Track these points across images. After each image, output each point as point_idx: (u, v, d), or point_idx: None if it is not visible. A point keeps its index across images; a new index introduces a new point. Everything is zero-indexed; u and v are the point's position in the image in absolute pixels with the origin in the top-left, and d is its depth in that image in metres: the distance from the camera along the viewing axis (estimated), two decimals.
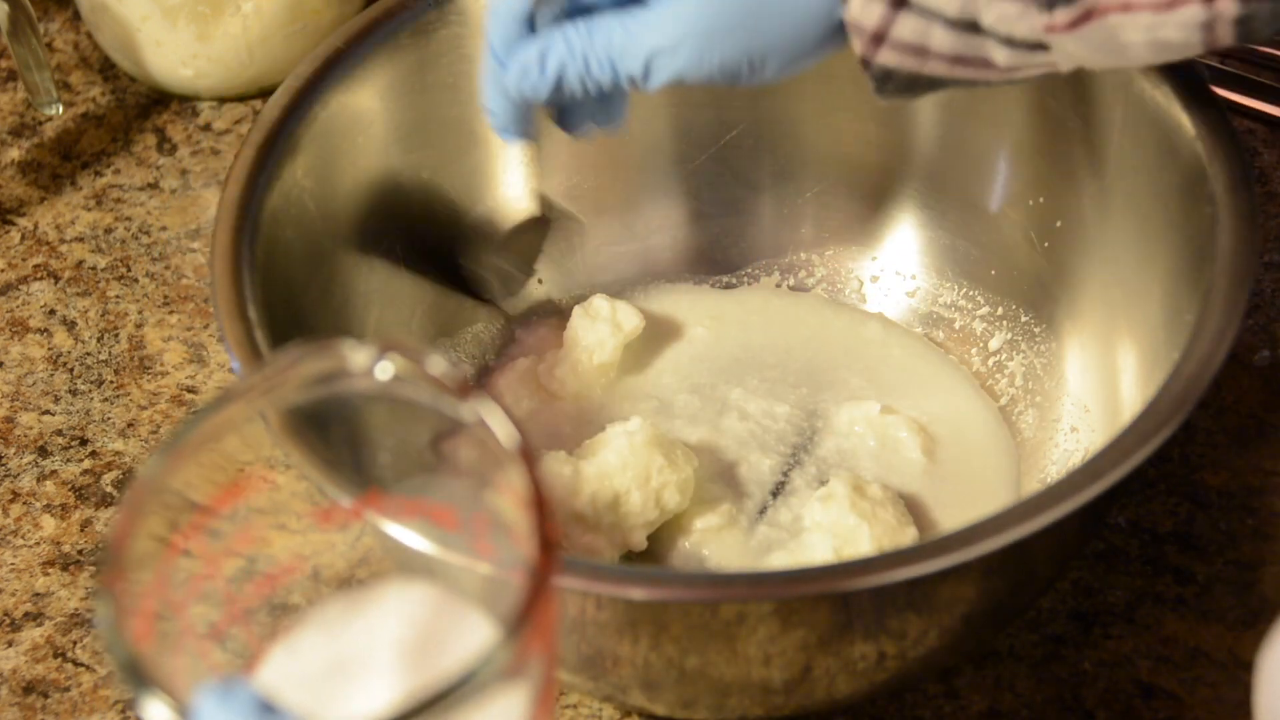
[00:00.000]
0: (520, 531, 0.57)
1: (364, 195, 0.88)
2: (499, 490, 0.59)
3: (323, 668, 0.60)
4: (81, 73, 1.06)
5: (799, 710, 0.75)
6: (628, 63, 0.76)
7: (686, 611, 0.69)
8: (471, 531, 0.62)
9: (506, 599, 0.57)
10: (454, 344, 0.91)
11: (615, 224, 0.95)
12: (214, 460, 0.60)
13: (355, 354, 0.59)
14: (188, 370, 0.92)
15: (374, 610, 0.61)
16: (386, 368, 0.59)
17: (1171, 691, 0.79)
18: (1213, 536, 0.84)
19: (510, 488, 0.58)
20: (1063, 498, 0.70)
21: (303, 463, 0.65)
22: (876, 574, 0.69)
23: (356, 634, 0.61)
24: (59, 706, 0.80)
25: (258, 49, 1.02)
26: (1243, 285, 0.75)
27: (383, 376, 0.59)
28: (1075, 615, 0.82)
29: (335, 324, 0.85)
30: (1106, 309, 0.86)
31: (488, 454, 0.58)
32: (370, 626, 0.61)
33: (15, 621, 0.83)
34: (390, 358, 0.59)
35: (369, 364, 0.59)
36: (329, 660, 0.60)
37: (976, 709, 0.79)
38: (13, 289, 0.96)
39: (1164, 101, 0.81)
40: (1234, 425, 0.88)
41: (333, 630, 0.61)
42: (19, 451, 0.89)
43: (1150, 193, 0.83)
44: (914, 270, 0.93)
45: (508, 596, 0.57)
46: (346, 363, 0.59)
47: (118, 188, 1.01)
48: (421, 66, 0.88)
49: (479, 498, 0.60)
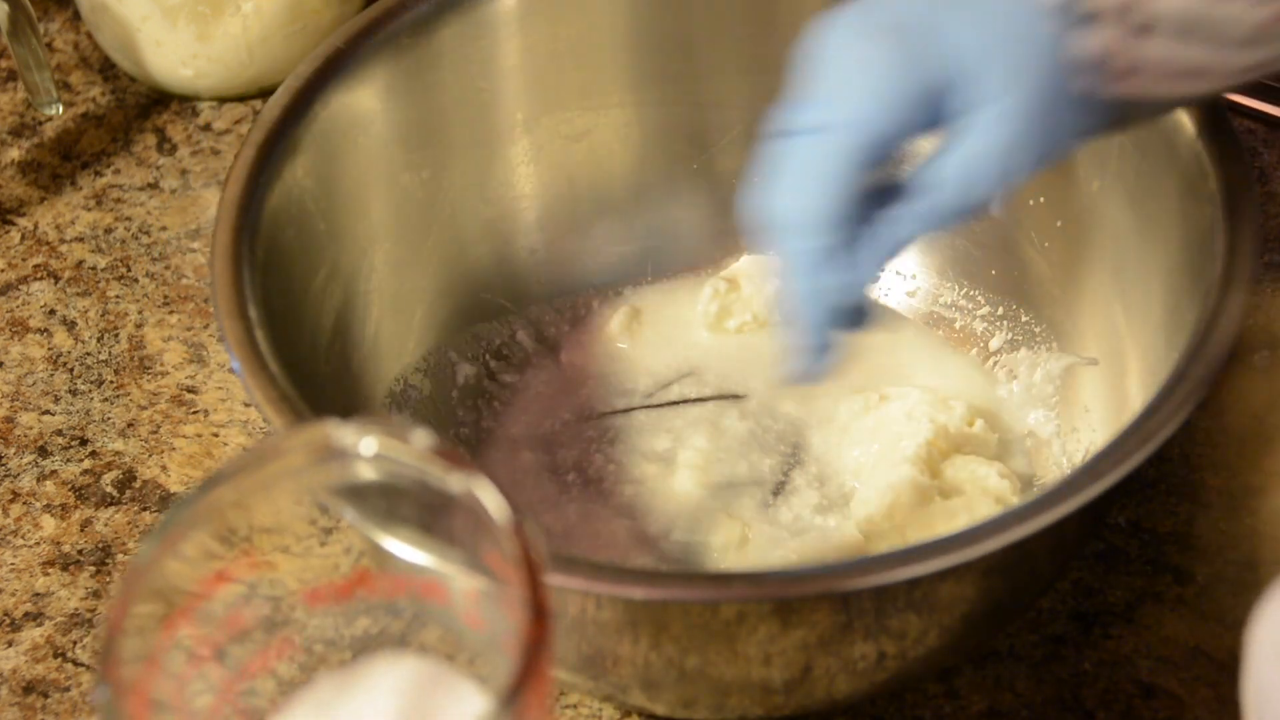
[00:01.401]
0: (510, 600, 0.57)
1: (364, 195, 0.88)
2: (488, 560, 0.58)
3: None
4: (81, 73, 1.06)
5: (799, 710, 0.75)
6: (975, 198, 0.70)
7: (686, 611, 0.69)
8: (461, 604, 0.61)
9: (498, 668, 0.57)
10: (454, 344, 0.91)
11: (615, 224, 0.95)
12: (201, 545, 0.59)
13: (341, 433, 0.59)
14: (188, 370, 0.92)
15: (366, 686, 0.61)
16: (370, 444, 0.59)
17: (1171, 691, 0.79)
18: (1213, 536, 0.84)
19: (499, 557, 0.57)
20: (1063, 498, 0.70)
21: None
22: (876, 574, 0.69)
23: (350, 712, 0.60)
24: (59, 706, 0.80)
25: (258, 49, 1.02)
26: (1243, 285, 0.75)
27: (367, 453, 0.59)
28: (1075, 615, 0.82)
29: (335, 324, 0.85)
30: (1106, 309, 0.86)
31: (476, 524, 0.58)
32: (363, 704, 0.60)
33: (15, 621, 0.83)
34: (374, 434, 0.59)
35: (354, 441, 0.59)
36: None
37: (976, 709, 0.79)
38: (13, 289, 0.96)
39: None
40: (1234, 425, 0.88)
41: (325, 709, 0.61)
42: (19, 451, 0.89)
43: (1150, 193, 0.83)
44: (914, 270, 0.93)
45: (499, 665, 0.57)
46: (332, 441, 0.59)
47: (118, 188, 1.01)
48: (421, 66, 0.88)
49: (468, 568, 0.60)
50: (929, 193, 0.71)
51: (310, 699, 0.62)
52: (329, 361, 0.84)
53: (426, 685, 0.61)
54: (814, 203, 0.69)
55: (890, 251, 0.71)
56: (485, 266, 0.93)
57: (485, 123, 0.91)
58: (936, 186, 0.70)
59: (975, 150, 0.69)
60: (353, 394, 0.85)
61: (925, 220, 0.71)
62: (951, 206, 0.70)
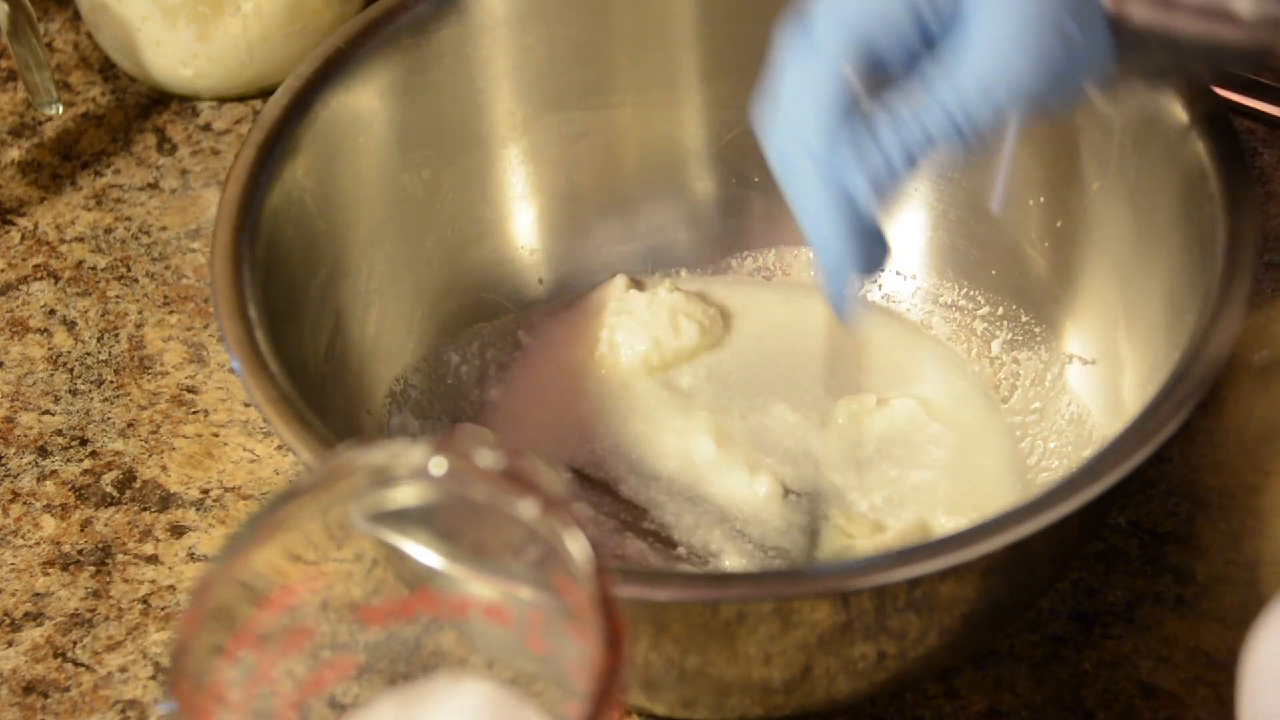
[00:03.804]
0: (579, 627, 0.56)
1: (364, 195, 0.88)
2: (555, 582, 0.57)
3: None
4: (81, 73, 1.06)
5: (799, 710, 0.75)
6: (971, 106, 0.68)
7: (686, 611, 0.69)
8: (525, 628, 0.60)
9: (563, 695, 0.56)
10: (454, 344, 0.91)
11: (615, 224, 0.95)
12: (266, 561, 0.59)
13: (409, 452, 0.58)
14: (188, 370, 0.92)
15: (428, 708, 0.60)
16: (440, 464, 0.58)
17: (1171, 691, 0.79)
18: (1213, 536, 0.84)
19: (569, 581, 0.56)
20: (1063, 498, 0.70)
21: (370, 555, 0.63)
22: (876, 574, 0.69)
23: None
24: (59, 706, 0.80)
25: (258, 49, 1.02)
26: (1243, 285, 0.75)
27: (436, 473, 0.58)
28: (1075, 615, 0.82)
29: (335, 324, 0.85)
30: (1106, 309, 0.86)
31: (544, 549, 0.57)
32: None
33: (15, 621, 0.83)
34: (444, 454, 0.58)
35: (422, 461, 0.58)
36: None
37: (976, 709, 0.79)
38: (13, 289, 0.96)
39: (1164, 101, 0.81)
40: (1234, 425, 0.88)
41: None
42: (19, 451, 0.89)
43: (1150, 193, 0.83)
44: (914, 270, 0.93)
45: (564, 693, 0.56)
46: (399, 460, 0.58)
47: (118, 188, 1.01)
48: (421, 66, 0.88)
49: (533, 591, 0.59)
50: (946, 90, 0.68)
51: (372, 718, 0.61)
52: (329, 361, 0.84)
53: (489, 708, 0.60)
54: (809, 104, 0.68)
55: (906, 146, 0.68)
56: (485, 266, 0.92)
57: (485, 123, 0.91)
58: (953, 89, 0.68)
59: (987, 51, 0.68)
60: (353, 394, 0.85)
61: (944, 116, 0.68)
62: (971, 105, 0.68)
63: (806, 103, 0.69)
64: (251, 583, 0.59)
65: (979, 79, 0.68)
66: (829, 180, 0.69)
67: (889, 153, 0.68)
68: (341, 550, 0.61)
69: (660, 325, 0.90)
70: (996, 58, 0.68)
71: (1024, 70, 0.68)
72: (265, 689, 0.60)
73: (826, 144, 0.68)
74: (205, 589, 0.57)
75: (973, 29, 0.69)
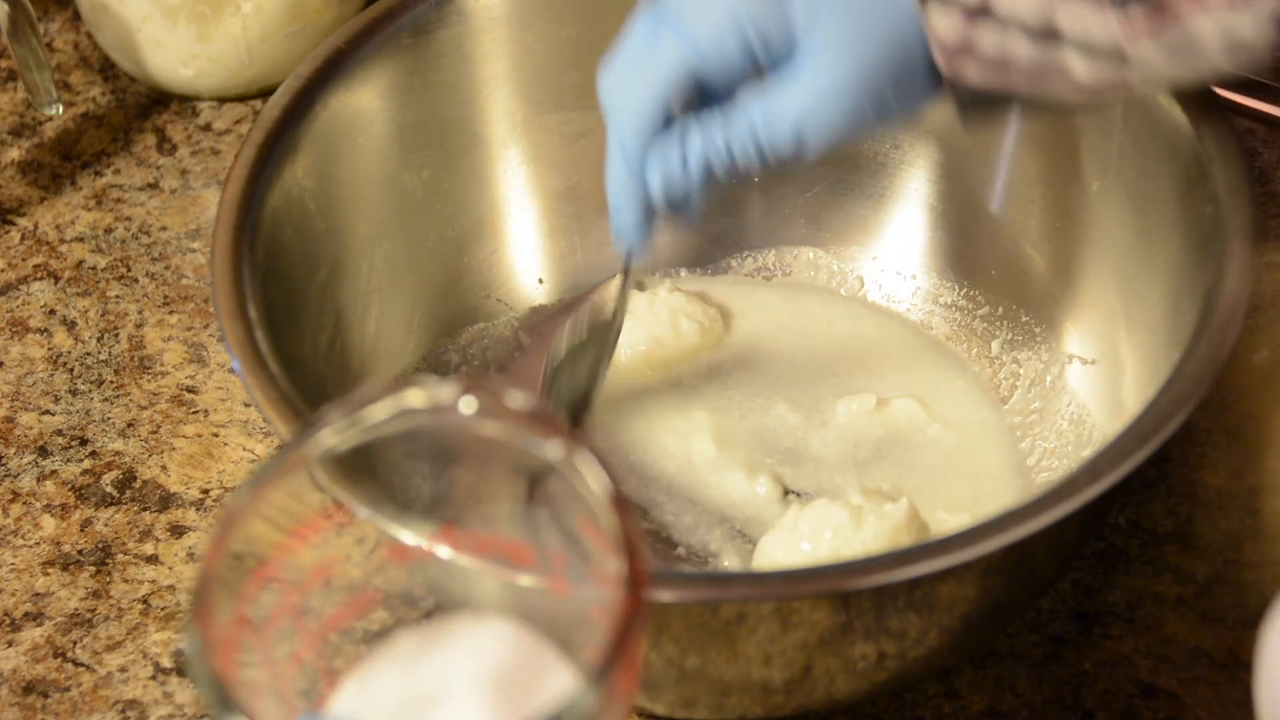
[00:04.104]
0: (601, 569, 0.56)
1: (364, 195, 0.88)
2: (579, 527, 0.58)
3: (398, 704, 0.59)
4: (81, 73, 1.06)
5: (799, 710, 0.75)
6: (776, 140, 0.75)
7: (686, 611, 0.69)
8: (548, 569, 0.61)
9: (584, 637, 0.57)
10: (454, 344, 0.91)
11: None
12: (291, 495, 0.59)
13: (439, 389, 0.59)
14: (188, 370, 0.92)
15: (449, 645, 0.60)
16: (470, 402, 0.59)
17: (1171, 691, 0.79)
18: (1213, 536, 0.84)
19: (592, 525, 0.57)
20: (1063, 498, 0.70)
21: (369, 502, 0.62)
22: (876, 574, 0.69)
23: (432, 670, 0.60)
24: (59, 706, 0.80)
25: (258, 49, 1.02)
26: (1243, 285, 0.75)
27: (466, 411, 0.59)
28: (1075, 615, 0.82)
29: (335, 324, 0.85)
30: (1106, 309, 0.86)
31: (568, 491, 0.58)
32: (446, 662, 0.60)
33: (15, 621, 0.83)
34: (475, 393, 0.59)
35: (452, 399, 0.59)
36: (404, 696, 0.59)
37: (976, 709, 0.79)
38: (13, 289, 0.96)
39: (1164, 101, 0.81)
40: (1234, 425, 0.88)
41: (407, 665, 0.60)
42: (19, 451, 0.89)
43: (1150, 193, 0.83)
44: (914, 270, 0.93)
45: (585, 635, 0.56)
46: (429, 397, 0.59)
47: (118, 188, 1.01)
48: (421, 66, 0.88)
49: (557, 534, 0.60)
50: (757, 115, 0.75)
51: (391, 654, 0.61)
52: (329, 361, 0.84)
53: (510, 648, 0.60)
54: (637, 96, 0.76)
55: (705, 156, 0.75)
56: (485, 266, 0.93)
57: (485, 123, 0.91)
58: (763, 117, 0.75)
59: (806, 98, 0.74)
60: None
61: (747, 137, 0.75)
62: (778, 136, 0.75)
63: (631, 104, 0.76)
64: (276, 516, 0.59)
65: (792, 116, 0.74)
66: (633, 170, 0.77)
67: (689, 159, 0.76)
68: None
69: (660, 325, 0.90)
70: (813, 105, 0.74)
71: (834, 122, 0.75)
72: (287, 624, 0.60)
73: (637, 145, 0.76)
74: (232, 519, 0.58)
75: (800, 73, 0.74)
